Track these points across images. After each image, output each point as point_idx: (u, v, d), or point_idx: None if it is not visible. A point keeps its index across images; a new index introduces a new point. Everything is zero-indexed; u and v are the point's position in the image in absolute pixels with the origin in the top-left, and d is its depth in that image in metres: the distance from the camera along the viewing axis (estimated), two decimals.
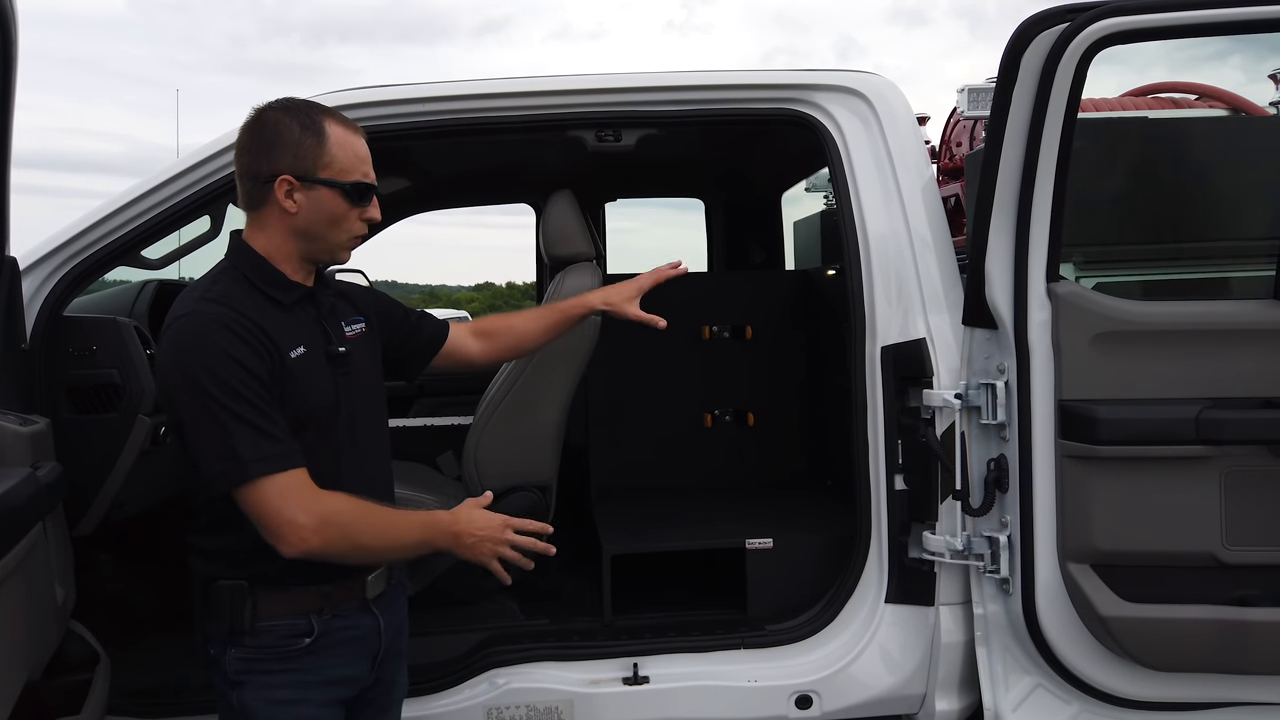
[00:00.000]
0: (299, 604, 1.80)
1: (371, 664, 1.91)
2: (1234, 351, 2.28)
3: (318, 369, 1.83)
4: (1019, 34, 2.21)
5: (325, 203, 1.81)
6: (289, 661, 1.79)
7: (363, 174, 1.85)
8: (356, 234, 1.87)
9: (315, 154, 1.79)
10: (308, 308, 1.88)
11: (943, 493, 2.48)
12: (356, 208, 1.84)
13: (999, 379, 2.40)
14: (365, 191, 1.85)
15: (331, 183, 1.80)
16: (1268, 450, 2.23)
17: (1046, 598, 2.36)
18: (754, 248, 4.90)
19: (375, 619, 1.90)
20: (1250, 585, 2.26)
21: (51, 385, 2.42)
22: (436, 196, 4.70)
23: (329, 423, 1.83)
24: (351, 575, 1.84)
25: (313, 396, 1.80)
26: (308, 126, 1.80)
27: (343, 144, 1.82)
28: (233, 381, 1.67)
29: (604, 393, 3.87)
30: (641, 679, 2.59)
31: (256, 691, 1.78)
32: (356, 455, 1.89)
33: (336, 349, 1.87)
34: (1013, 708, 2.45)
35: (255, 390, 1.69)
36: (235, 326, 1.70)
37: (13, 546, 1.67)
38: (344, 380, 1.88)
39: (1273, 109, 3.47)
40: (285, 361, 1.76)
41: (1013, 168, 2.28)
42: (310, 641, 1.79)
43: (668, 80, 2.69)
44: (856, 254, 2.63)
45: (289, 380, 1.76)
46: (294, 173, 1.78)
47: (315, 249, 1.86)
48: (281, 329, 1.78)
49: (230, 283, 1.80)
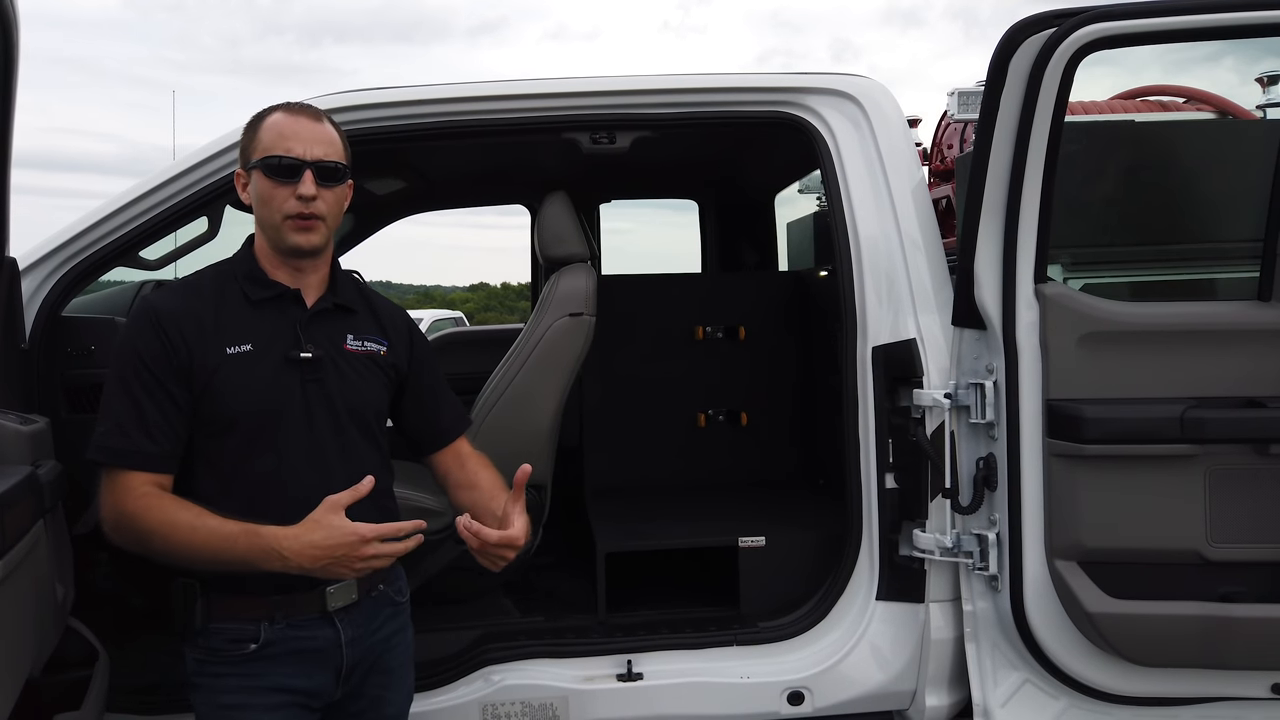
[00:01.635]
0: (249, 609, 1.78)
1: (336, 679, 1.84)
2: (1219, 352, 2.31)
3: (261, 368, 1.80)
4: (1007, 38, 2.24)
5: (257, 185, 1.85)
6: (236, 666, 1.77)
7: (284, 149, 1.81)
8: (288, 212, 1.81)
9: (250, 143, 1.87)
10: (285, 307, 1.87)
11: (933, 491, 2.51)
12: (282, 184, 1.80)
13: (988, 379, 2.43)
14: (285, 166, 1.80)
15: (256, 164, 1.84)
16: (1251, 449, 2.26)
17: (1034, 594, 2.39)
18: (747, 249, 4.92)
19: (336, 631, 1.82)
20: (1234, 582, 2.29)
21: (50, 385, 2.44)
22: (432, 198, 4.71)
23: (266, 427, 1.79)
24: (310, 586, 1.78)
25: (237, 395, 1.77)
26: (252, 122, 1.89)
27: (272, 127, 1.85)
28: (127, 371, 1.77)
29: (598, 393, 3.89)
30: (635, 676, 2.61)
31: (205, 695, 1.80)
32: (309, 469, 1.80)
33: (298, 353, 1.82)
34: (1001, 703, 2.48)
35: (145, 383, 1.75)
36: (162, 320, 1.77)
37: (14, 544, 1.68)
38: (311, 388, 1.83)
39: (1260, 112, 3.50)
40: (216, 356, 1.78)
41: (1001, 170, 2.31)
42: (256, 648, 1.76)
43: (661, 83, 2.71)
44: (848, 255, 2.66)
45: (211, 375, 1.77)
46: (242, 165, 1.89)
47: (270, 238, 1.88)
48: (230, 324, 1.81)
49: (205, 275, 1.90)
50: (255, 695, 1.77)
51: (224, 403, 1.77)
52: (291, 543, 1.67)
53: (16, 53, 1.97)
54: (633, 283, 4.18)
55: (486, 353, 3.64)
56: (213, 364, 1.77)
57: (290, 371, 1.82)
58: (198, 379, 1.76)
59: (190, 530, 1.69)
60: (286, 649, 1.78)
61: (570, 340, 2.96)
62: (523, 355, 2.98)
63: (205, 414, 1.78)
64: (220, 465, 1.79)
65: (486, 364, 3.22)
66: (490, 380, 3.04)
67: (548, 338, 2.95)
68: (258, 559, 1.68)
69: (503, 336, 3.83)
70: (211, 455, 1.79)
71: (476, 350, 4.63)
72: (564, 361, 2.96)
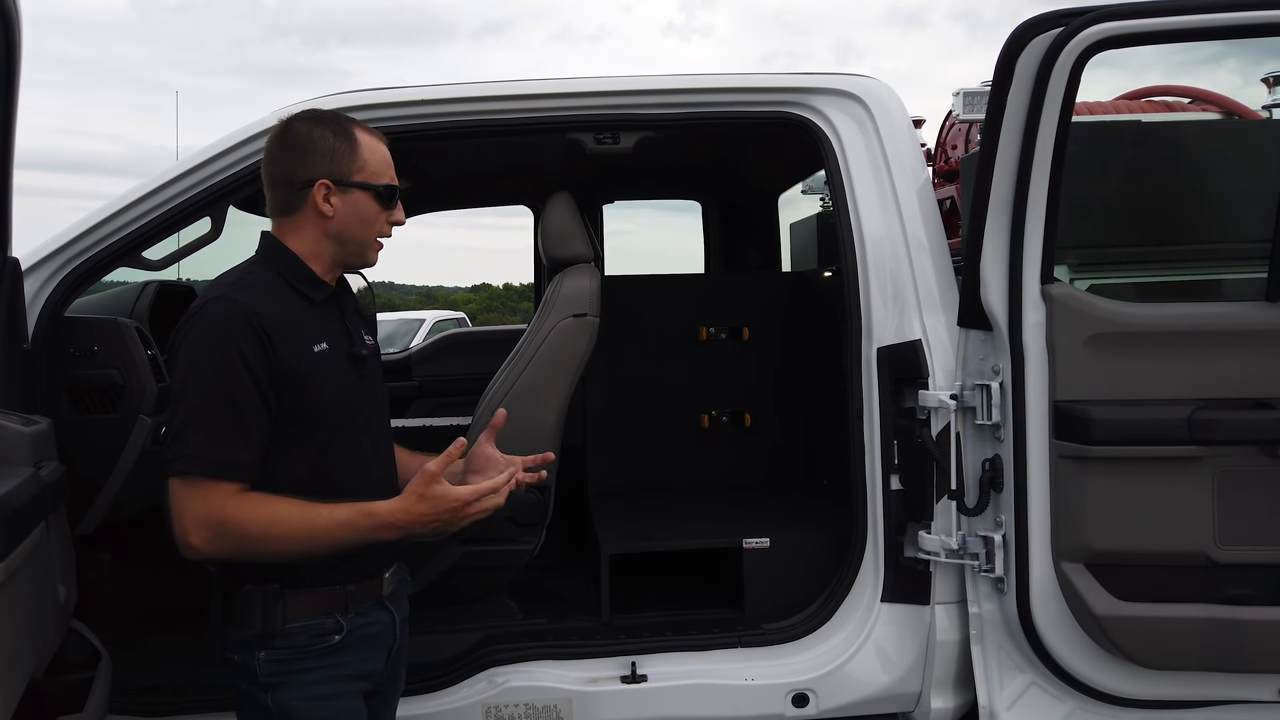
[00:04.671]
0: (325, 603, 1.84)
1: (387, 658, 1.97)
2: (1226, 353, 2.30)
3: (339, 366, 1.88)
4: (1014, 38, 2.23)
5: (360, 205, 1.88)
6: (322, 659, 1.83)
7: (391, 177, 1.93)
8: (384, 236, 1.95)
9: (350, 159, 1.87)
10: (333, 308, 1.93)
11: (938, 493, 2.50)
12: (386, 210, 1.92)
13: (994, 380, 2.42)
14: (394, 194, 1.93)
15: (365, 185, 1.88)
16: (1259, 450, 2.25)
17: (1041, 597, 2.38)
18: (750, 249, 4.92)
19: (390, 614, 1.96)
20: (1242, 584, 2.28)
21: (53, 385, 2.43)
22: (436, 198, 4.72)
23: (349, 420, 1.88)
24: (371, 574, 1.90)
25: (331, 391, 1.84)
26: (340, 133, 1.88)
27: (373, 149, 1.91)
28: (229, 374, 1.71)
29: (602, 394, 3.89)
30: (639, 678, 2.61)
31: (294, 690, 1.81)
32: (378, 457, 1.96)
33: (359, 351, 1.94)
34: (1007, 706, 2.47)
35: (245, 392, 1.72)
36: (259, 322, 1.75)
37: (16, 546, 1.68)
38: (364, 383, 1.94)
39: (1265, 112, 3.48)
40: (306, 356, 1.80)
41: (1007, 171, 2.30)
42: (340, 639, 1.84)
43: (666, 83, 2.71)
44: (852, 256, 2.65)
45: (306, 375, 1.79)
46: (331, 177, 1.86)
47: (347, 251, 1.92)
48: (307, 324, 1.84)
49: (264, 274, 1.87)
50: (344, 683, 1.86)
51: (320, 398, 1.82)
52: (404, 516, 1.77)
53: (19, 52, 1.97)
54: (636, 283, 4.17)
55: (489, 354, 3.64)
56: (306, 364, 1.80)
57: (352, 369, 1.92)
58: (291, 380, 1.78)
59: (306, 523, 1.74)
60: (359, 636, 1.88)
61: (574, 341, 2.95)
62: (526, 356, 2.97)
63: (297, 411, 1.80)
64: (307, 460, 1.83)
65: (489, 365, 3.22)
66: (493, 381, 3.04)
67: (551, 338, 2.95)
68: (377, 535, 1.78)
69: (505, 337, 3.83)
70: (298, 451, 1.82)
71: (479, 351, 4.63)
72: (568, 362, 2.95)
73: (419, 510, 1.77)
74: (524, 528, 2.93)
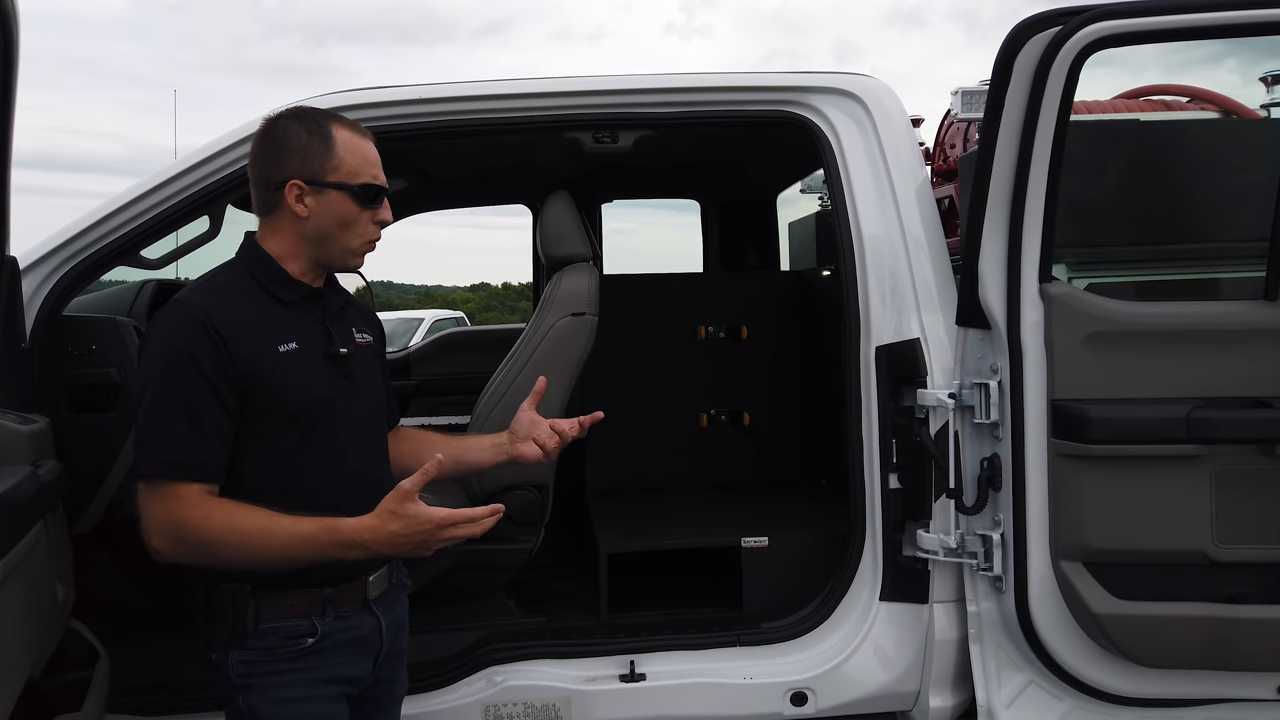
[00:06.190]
0: (301, 606, 1.80)
1: (374, 663, 1.92)
2: (1225, 352, 2.30)
3: (311, 365, 1.83)
4: (1012, 37, 2.24)
5: (335, 206, 1.83)
6: (294, 661, 1.79)
7: (371, 176, 1.86)
8: (369, 238, 1.89)
9: (323, 158, 1.82)
10: (312, 308, 1.89)
11: (936, 491, 2.50)
12: (367, 210, 1.86)
13: (992, 379, 2.42)
14: (375, 193, 1.86)
15: (340, 185, 1.82)
16: (1257, 449, 2.26)
17: (1039, 595, 2.38)
18: (749, 248, 4.92)
19: (377, 619, 1.90)
20: (1240, 583, 2.28)
21: (51, 384, 2.43)
22: (434, 197, 4.71)
23: (324, 419, 1.83)
24: (353, 578, 1.85)
25: (299, 390, 1.79)
26: (314, 131, 1.83)
27: (350, 147, 1.84)
28: (180, 377, 1.70)
29: (601, 393, 3.88)
30: (638, 676, 2.61)
31: (263, 693, 1.79)
32: (361, 456, 1.90)
33: (337, 350, 1.88)
34: (1006, 704, 2.47)
35: (198, 394, 1.70)
36: (212, 324, 1.72)
37: (14, 545, 1.68)
38: (344, 382, 1.89)
39: (1264, 111, 3.48)
40: (269, 355, 1.77)
41: (1006, 170, 2.30)
42: (314, 642, 1.79)
43: (664, 82, 2.71)
44: (851, 255, 2.65)
45: (268, 374, 1.76)
46: (303, 177, 1.81)
47: (328, 253, 1.88)
48: (273, 325, 1.81)
49: (232, 276, 1.84)
50: (315, 687, 1.81)
51: (285, 397, 1.78)
52: (372, 535, 1.70)
53: (17, 51, 1.97)
54: (635, 282, 4.17)
55: (488, 353, 3.64)
56: (269, 363, 1.77)
57: (330, 368, 1.87)
58: (251, 379, 1.75)
59: (264, 533, 1.69)
60: (337, 640, 1.83)
61: (573, 340, 2.95)
62: (525, 355, 2.97)
63: (261, 410, 1.77)
64: (277, 460, 1.79)
65: (488, 364, 3.22)
66: (492, 380, 3.04)
67: (550, 337, 2.95)
68: (340, 553, 1.72)
69: (504, 336, 3.83)
70: (267, 451, 1.79)
71: (478, 350, 4.63)
72: (566, 361, 2.95)
73: (389, 529, 1.69)
74: (523, 526, 2.93)
